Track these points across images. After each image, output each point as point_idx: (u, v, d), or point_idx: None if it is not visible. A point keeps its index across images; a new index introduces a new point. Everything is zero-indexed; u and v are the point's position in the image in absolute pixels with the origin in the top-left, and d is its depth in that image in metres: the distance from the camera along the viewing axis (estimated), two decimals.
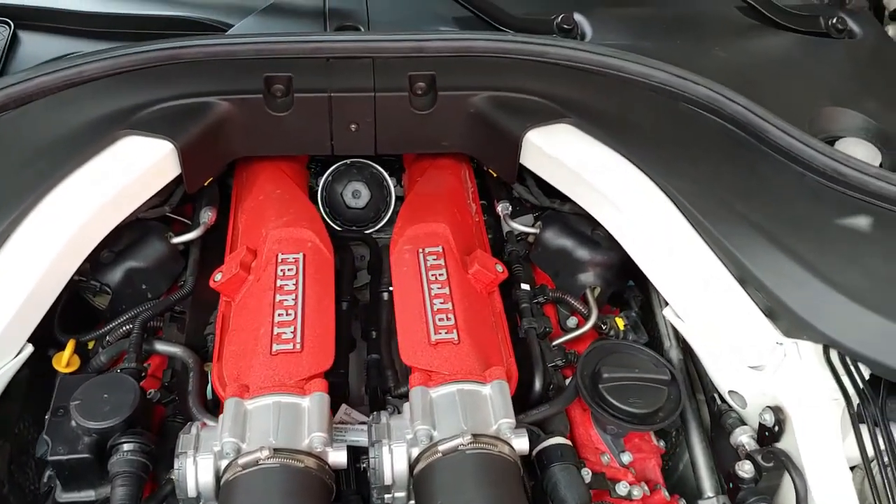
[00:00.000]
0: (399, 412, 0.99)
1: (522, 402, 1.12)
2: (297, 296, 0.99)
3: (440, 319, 0.98)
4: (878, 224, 1.13)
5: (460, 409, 0.89)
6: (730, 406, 1.12)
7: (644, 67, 1.20)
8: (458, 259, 1.09)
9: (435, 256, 1.06)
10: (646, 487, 1.10)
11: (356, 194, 1.34)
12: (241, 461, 0.81)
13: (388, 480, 0.86)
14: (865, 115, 1.28)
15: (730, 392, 1.12)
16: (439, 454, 0.85)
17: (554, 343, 1.18)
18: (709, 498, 1.16)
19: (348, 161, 1.36)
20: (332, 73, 1.16)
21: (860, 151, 1.24)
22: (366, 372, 1.17)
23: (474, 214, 1.26)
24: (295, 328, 0.95)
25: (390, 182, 1.37)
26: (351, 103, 1.16)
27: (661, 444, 1.24)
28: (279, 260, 1.03)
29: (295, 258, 1.04)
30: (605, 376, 1.05)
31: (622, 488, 1.05)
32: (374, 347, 1.17)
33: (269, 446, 0.81)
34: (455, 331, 0.97)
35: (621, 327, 1.25)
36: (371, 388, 1.14)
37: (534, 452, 1.01)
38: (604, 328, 1.23)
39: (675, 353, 1.30)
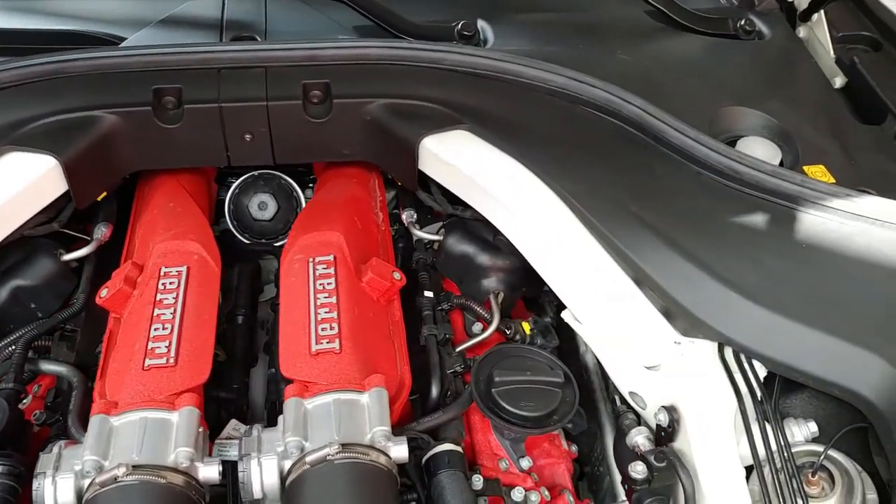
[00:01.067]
0: None
1: (421, 409, 1.11)
2: (175, 310, 0.98)
3: (323, 329, 0.96)
4: (773, 221, 1.14)
5: (334, 419, 0.87)
6: (629, 407, 1.12)
7: (541, 72, 1.20)
8: (352, 268, 1.08)
9: (325, 266, 1.05)
10: (546, 492, 1.09)
11: (262, 206, 1.33)
12: (98, 479, 0.79)
13: (257, 494, 0.85)
14: (767, 114, 1.29)
15: (630, 393, 1.11)
16: (307, 465, 0.83)
17: (457, 349, 1.18)
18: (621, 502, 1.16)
19: (256, 173, 1.35)
20: (223, 83, 1.15)
21: (760, 150, 1.25)
22: (266, 386, 1.16)
23: (381, 223, 1.25)
24: (170, 342, 0.94)
25: (300, 193, 1.36)
26: (243, 113, 1.14)
27: (574, 448, 1.24)
28: (161, 273, 1.02)
29: (178, 271, 1.02)
30: (497, 380, 1.04)
31: (517, 494, 1.03)
32: (274, 361, 1.15)
33: (129, 463, 0.79)
34: (337, 340, 0.95)
35: (528, 331, 1.24)
36: (270, 403, 1.13)
37: (423, 461, 1.00)
38: (508, 332, 1.22)
39: (590, 357, 1.30)
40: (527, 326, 1.25)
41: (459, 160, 1.15)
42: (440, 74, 1.20)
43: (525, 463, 1.10)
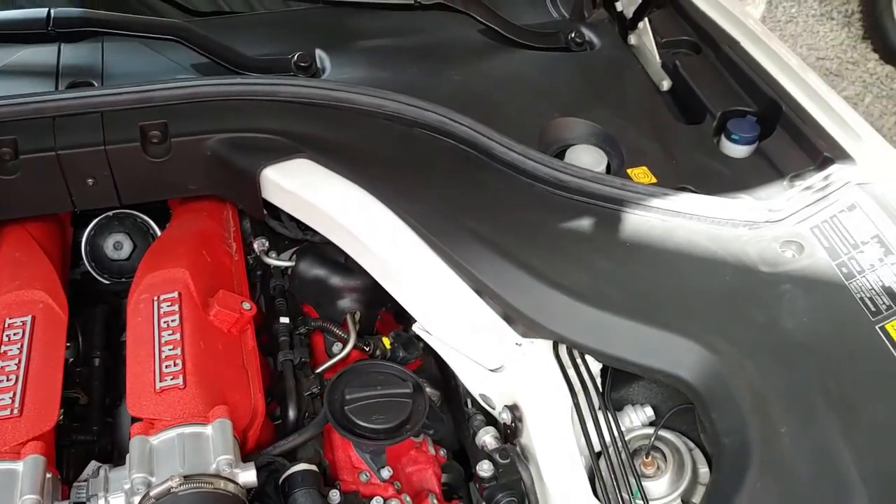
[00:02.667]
0: None
1: (281, 433, 1.15)
2: (20, 360, 0.99)
3: (167, 366, 0.99)
4: (598, 224, 1.23)
5: (178, 452, 0.91)
6: (480, 409, 1.19)
7: (375, 99, 1.26)
8: (198, 302, 1.11)
9: (170, 303, 1.08)
10: (408, 499, 1.15)
11: (118, 246, 1.34)
12: None
13: None
14: (594, 122, 1.38)
15: (480, 395, 1.18)
16: (152, 500, 0.86)
17: (317, 371, 1.22)
18: None
19: (110, 213, 1.36)
20: (59, 131, 1.16)
21: (587, 156, 1.33)
22: None
23: (234, 254, 1.29)
24: (14, 393, 0.95)
25: (157, 229, 1.38)
26: (82, 159, 1.16)
27: (443, 452, 1.30)
28: (6, 325, 1.03)
29: (22, 321, 1.04)
30: (348, 398, 1.09)
31: (376, 503, 1.09)
32: None
33: None
34: (181, 376, 0.99)
35: (388, 346, 1.30)
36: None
37: (279, 482, 1.04)
38: (367, 349, 1.27)
39: None
40: (387, 341, 1.30)
41: (300, 188, 1.19)
42: (277, 106, 1.24)
43: (386, 473, 1.15)
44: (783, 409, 1.03)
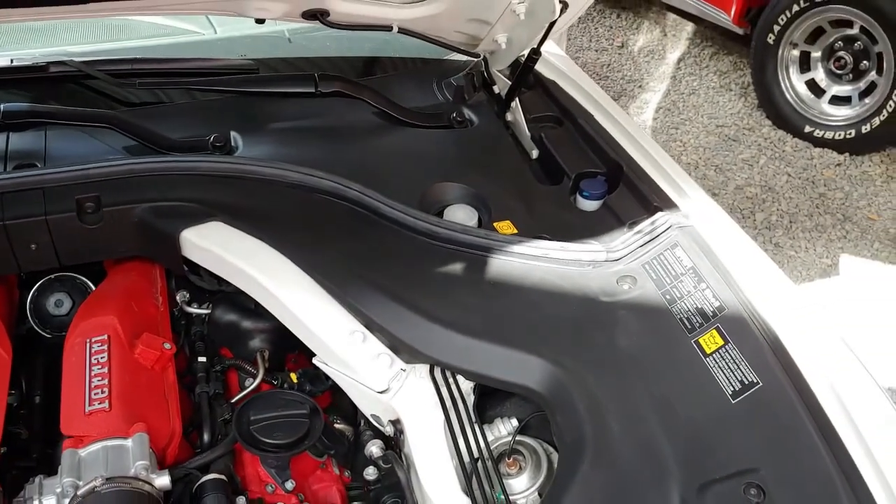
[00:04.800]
0: None
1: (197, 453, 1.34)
2: None
3: (95, 393, 1.19)
4: (467, 267, 1.46)
5: (102, 461, 1.10)
6: (370, 426, 1.39)
7: (278, 170, 1.50)
8: (125, 343, 1.31)
9: (100, 343, 1.28)
10: None
11: (59, 303, 1.54)
12: None
13: None
14: (467, 185, 1.64)
15: (371, 416, 1.39)
16: (79, 499, 1.05)
17: (230, 401, 1.42)
18: None
19: (53, 276, 1.56)
20: (6, 205, 1.37)
21: (461, 213, 1.59)
22: None
23: (160, 306, 1.49)
24: None
25: (94, 288, 1.58)
26: (26, 228, 1.37)
27: (347, 473, 1.49)
28: None
29: None
30: (253, 419, 1.29)
31: None
32: None
33: None
34: (108, 401, 1.18)
35: (295, 380, 1.50)
36: None
37: (193, 491, 1.23)
38: (276, 383, 1.47)
39: None
40: (294, 376, 1.51)
41: (215, 246, 1.42)
42: (195, 179, 1.47)
43: (290, 485, 1.34)
44: (615, 411, 1.26)
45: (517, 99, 1.83)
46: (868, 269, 3.54)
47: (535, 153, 1.79)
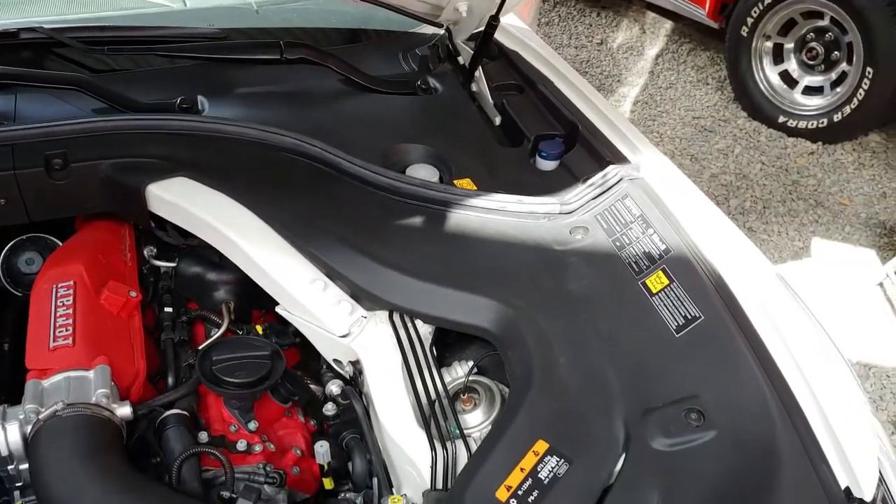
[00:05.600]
0: None
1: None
2: None
3: (60, 331, 1.24)
4: (427, 220, 1.51)
5: (64, 390, 1.14)
6: (331, 370, 1.44)
7: (241, 129, 1.55)
8: (91, 289, 1.36)
9: (66, 288, 1.32)
10: (271, 445, 1.38)
11: (29, 262, 1.58)
12: None
13: (4, 453, 1.09)
14: (428, 146, 1.69)
15: (333, 361, 1.43)
16: (41, 423, 1.09)
17: (198, 349, 1.46)
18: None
19: (25, 236, 1.61)
20: None
21: (423, 172, 1.64)
22: None
23: (128, 260, 1.54)
24: None
25: None
26: None
27: (313, 422, 1.53)
28: None
29: None
30: (215, 359, 1.33)
31: (241, 444, 1.32)
32: None
33: None
34: (72, 337, 1.23)
35: (260, 332, 1.55)
36: None
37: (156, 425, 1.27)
38: (241, 333, 1.52)
39: None
40: (259, 328, 1.55)
41: (180, 199, 1.46)
42: (160, 137, 1.52)
43: (253, 426, 1.38)
44: (563, 346, 1.31)
45: (480, 68, 1.89)
46: (839, 251, 3.60)
47: (497, 120, 1.84)
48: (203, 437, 1.27)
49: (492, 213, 1.53)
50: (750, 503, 1.10)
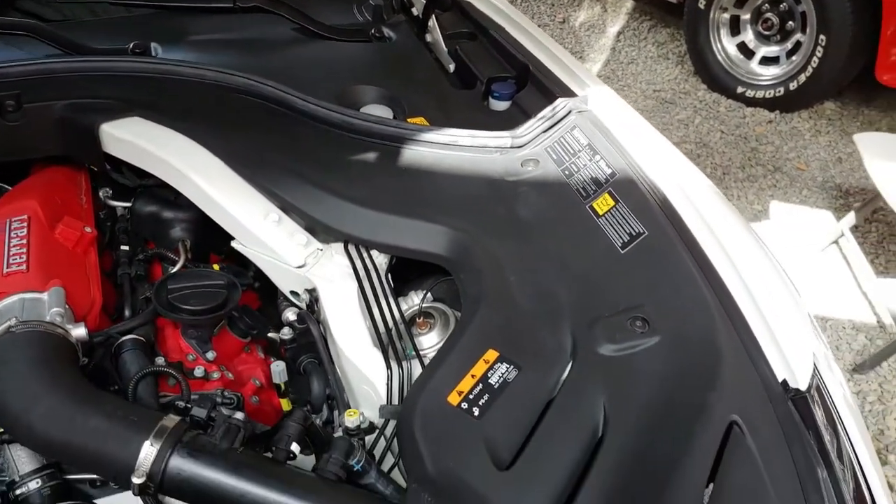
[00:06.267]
0: None
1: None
2: None
3: (14, 259, 1.24)
4: (381, 155, 1.54)
5: (18, 311, 1.15)
6: (288, 300, 1.46)
7: (195, 70, 1.56)
8: (45, 223, 1.37)
9: (20, 222, 1.33)
10: (228, 373, 1.40)
11: None
12: None
13: None
14: (381, 88, 1.72)
15: (290, 293, 1.45)
16: None
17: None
18: None
19: None
20: None
21: (377, 111, 1.66)
22: None
23: (84, 204, 1.55)
24: None
25: None
26: None
27: (273, 359, 1.54)
28: None
29: None
30: (171, 288, 1.35)
31: (199, 371, 1.34)
32: None
33: None
34: (25, 264, 1.24)
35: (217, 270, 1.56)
36: None
37: (113, 350, 1.28)
38: None
39: None
40: (216, 267, 1.57)
41: (134, 137, 1.48)
42: (114, 78, 1.53)
43: (210, 355, 1.40)
44: (513, 267, 1.34)
45: (434, 18, 1.92)
46: (797, 213, 3.68)
47: (451, 67, 1.87)
48: (160, 361, 1.29)
49: (445, 147, 1.56)
50: (692, 399, 1.14)
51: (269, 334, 1.49)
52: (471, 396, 1.14)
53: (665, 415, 1.12)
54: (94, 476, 1.19)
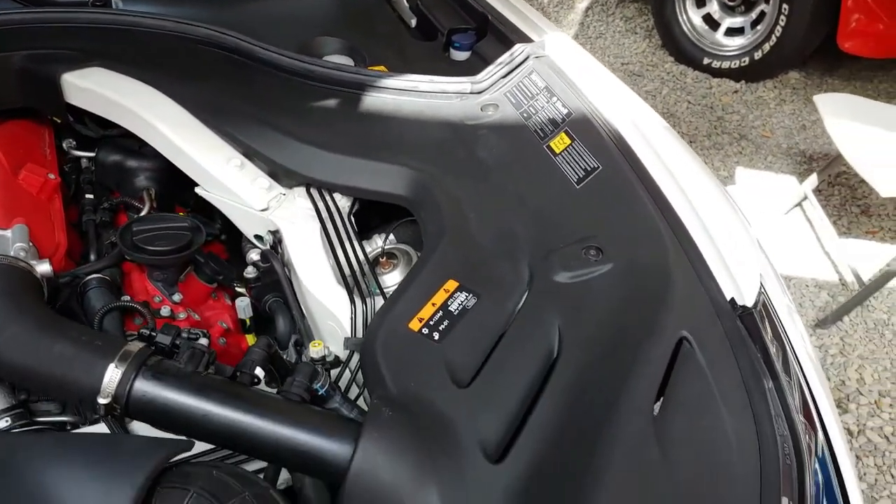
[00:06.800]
0: None
1: None
2: None
3: None
4: (341, 101, 1.57)
5: None
6: (251, 243, 1.48)
7: (156, 21, 1.58)
8: (7, 168, 1.38)
9: None
10: (195, 314, 1.42)
11: None
12: None
13: None
14: (343, 39, 1.74)
15: (254, 237, 1.48)
16: None
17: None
18: None
19: None
20: None
21: (339, 60, 1.69)
22: None
23: (48, 156, 1.55)
24: None
25: None
26: None
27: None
28: None
29: None
30: (135, 230, 1.36)
31: (165, 311, 1.36)
32: None
33: None
34: None
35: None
36: None
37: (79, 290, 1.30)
38: None
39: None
40: (182, 215, 1.58)
41: (96, 86, 1.49)
42: (75, 29, 1.54)
43: (177, 297, 1.42)
44: (472, 205, 1.37)
45: None
46: (762, 178, 3.75)
47: (413, 22, 1.90)
48: (126, 298, 1.31)
49: (405, 93, 1.58)
50: (643, 319, 1.18)
51: (237, 286, 1.51)
52: (431, 322, 1.18)
53: (617, 335, 1.15)
54: (64, 419, 1.22)
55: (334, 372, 1.25)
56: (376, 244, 1.48)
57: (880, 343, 2.88)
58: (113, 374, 1.03)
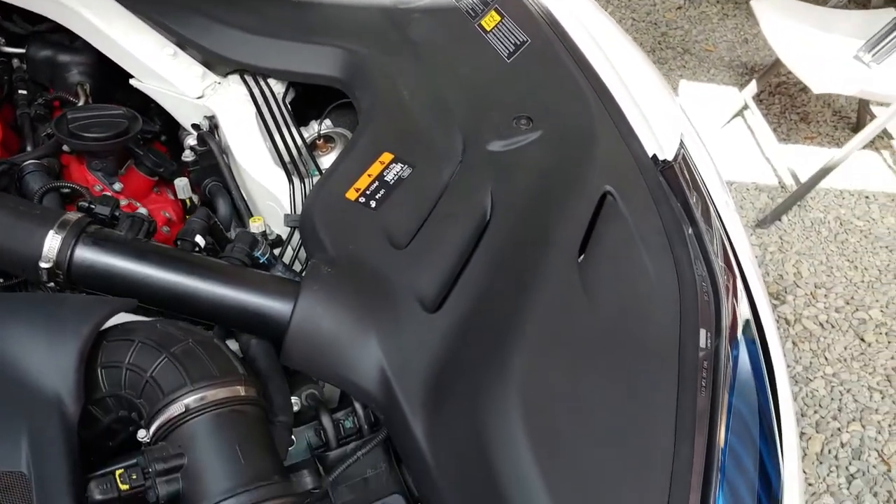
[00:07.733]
0: None
1: None
2: None
3: None
4: None
5: None
6: (190, 133, 1.49)
7: None
8: None
9: None
10: (137, 203, 1.43)
11: None
12: None
13: None
14: None
15: (192, 125, 1.48)
16: None
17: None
18: None
19: None
20: None
21: None
22: None
23: None
24: None
25: None
26: None
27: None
28: None
29: None
30: (70, 118, 1.37)
31: (104, 197, 1.37)
32: None
33: None
34: None
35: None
36: None
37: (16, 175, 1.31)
38: None
39: None
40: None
41: None
42: None
43: (118, 186, 1.43)
44: (405, 80, 1.39)
45: None
46: (705, 90, 3.82)
47: None
48: (65, 190, 1.32)
49: None
50: (570, 178, 1.23)
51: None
52: (368, 192, 1.21)
53: (544, 194, 1.20)
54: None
55: (277, 252, 1.28)
56: (313, 129, 1.50)
57: (816, 240, 3.00)
58: (53, 241, 1.04)
